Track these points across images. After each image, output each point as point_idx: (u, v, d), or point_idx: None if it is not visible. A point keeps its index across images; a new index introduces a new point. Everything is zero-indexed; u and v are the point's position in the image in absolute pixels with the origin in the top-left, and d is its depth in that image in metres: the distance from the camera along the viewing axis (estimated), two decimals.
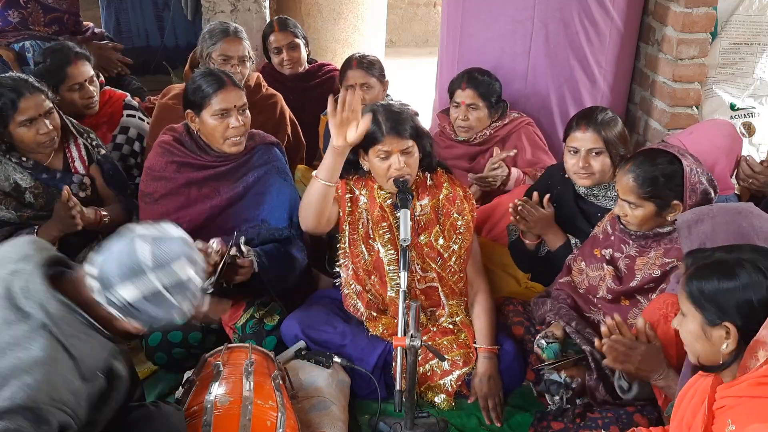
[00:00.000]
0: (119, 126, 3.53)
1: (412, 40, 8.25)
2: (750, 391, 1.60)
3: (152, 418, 1.95)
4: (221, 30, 3.49)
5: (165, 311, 1.72)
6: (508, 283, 3.07)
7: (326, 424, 2.39)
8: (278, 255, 2.78)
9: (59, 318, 1.67)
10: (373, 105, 2.68)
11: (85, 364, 1.70)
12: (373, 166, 2.64)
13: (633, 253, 2.53)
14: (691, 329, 1.75)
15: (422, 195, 2.71)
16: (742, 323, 1.66)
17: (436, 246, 2.69)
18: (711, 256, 1.76)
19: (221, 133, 2.78)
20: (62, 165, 3.01)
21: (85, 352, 1.70)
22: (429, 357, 2.64)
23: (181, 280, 1.71)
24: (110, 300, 1.69)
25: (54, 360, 1.63)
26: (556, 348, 2.51)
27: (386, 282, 2.70)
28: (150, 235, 1.73)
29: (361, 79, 3.45)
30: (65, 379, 1.64)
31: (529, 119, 3.49)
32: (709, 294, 1.69)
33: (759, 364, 1.60)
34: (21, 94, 2.79)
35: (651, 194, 2.39)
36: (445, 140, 3.51)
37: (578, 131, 2.77)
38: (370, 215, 2.71)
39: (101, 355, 1.75)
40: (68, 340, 1.67)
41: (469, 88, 3.35)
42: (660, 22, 3.58)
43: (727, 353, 1.69)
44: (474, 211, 2.78)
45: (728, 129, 3.15)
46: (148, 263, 1.68)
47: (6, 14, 4.16)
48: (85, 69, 3.39)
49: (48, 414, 1.59)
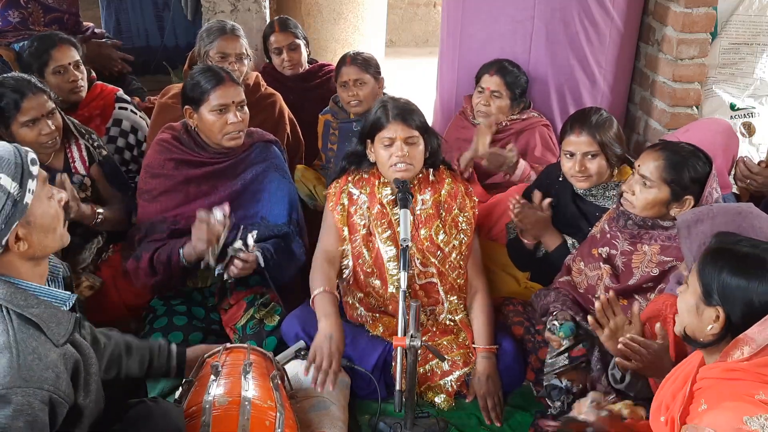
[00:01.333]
0: (112, 119, 3.53)
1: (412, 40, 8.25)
2: (722, 375, 1.69)
3: (151, 413, 1.95)
4: (218, 28, 3.49)
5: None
6: (507, 283, 3.07)
7: (326, 424, 2.39)
8: (279, 249, 2.79)
9: (8, 295, 1.68)
10: (384, 97, 2.74)
11: (53, 331, 1.70)
12: (378, 155, 2.67)
13: (626, 247, 2.52)
14: (688, 300, 1.80)
15: (424, 190, 2.72)
16: (735, 315, 1.70)
17: (437, 241, 2.70)
18: (735, 242, 1.78)
19: (219, 128, 2.79)
20: (63, 165, 3.01)
21: (49, 318, 1.70)
22: (429, 357, 2.65)
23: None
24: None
25: (18, 340, 1.63)
26: (572, 326, 2.47)
27: (387, 279, 2.71)
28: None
29: (355, 75, 3.46)
30: (38, 355, 1.64)
31: (546, 121, 3.52)
32: (716, 277, 1.73)
33: (743, 356, 1.66)
34: (24, 94, 2.79)
35: (673, 179, 2.38)
36: (463, 121, 3.58)
37: (573, 135, 2.77)
38: (370, 212, 2.72)
39: (65, 319, 1.74)
40: (26, 310, 1.68)
41: (497, 75, 3.40)
42: (660, 22, 3.58)
43: (710, 335, 1.74)
44: (475, 208, 2.79)
45: (724, 126, 3.15)
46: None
47: (6, 14, 4.16)
48: (70, 53, 3.39)
49: (26, 396, 1.58)
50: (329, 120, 3.63)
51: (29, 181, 1.72)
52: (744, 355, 1.66)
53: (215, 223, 2.58)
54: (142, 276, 2.79)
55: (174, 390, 2.64)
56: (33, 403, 1.59)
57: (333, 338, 2.51)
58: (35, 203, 1.74)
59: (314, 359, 2.48)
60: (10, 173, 1.69)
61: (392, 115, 2.62)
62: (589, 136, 2.73)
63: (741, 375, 1.65)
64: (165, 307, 2.87)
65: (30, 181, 1.72)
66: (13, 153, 1.72)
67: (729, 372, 1.68)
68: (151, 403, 2.00)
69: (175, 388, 2.61)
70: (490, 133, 3.32)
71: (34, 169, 1.75)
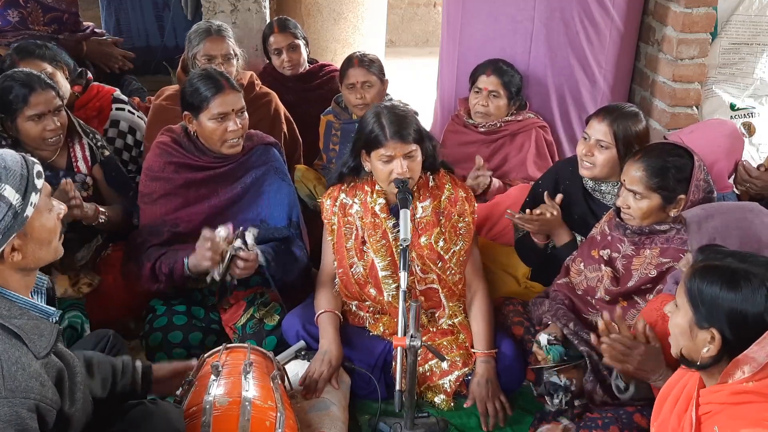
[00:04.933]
0: (109, 120, 3.52)
1: (412, 40, 8.24)
2: (732, 399, 1.63)
3: (150, 414, 1.95)
4: (204, 30, 3.46)
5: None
6: (507, 283, 3.07)
7: (326, 424, 2.39)
8: (280, 251, 2.79)
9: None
10: (377, 106, 2.66)
11: (35, 343, 1.68)
12: (375, 169, 2.63)
13: (629, 252, 2.52)
14: (680, 323, 1.75)
15: (423, 197, 2.70)
16: (730, 334, 1.65)
17: (437, 248, 2.68)
18: (722, 258, 1.73)
19: (219, 136, 2.78)
20: (66, 164, 3.02)
21: (31, 330, 1.69)
22: (429, 357, 2.64)
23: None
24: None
25: (2, 350, 1.62)
26: (561, 350, 2.49)
27: (382, 289, 2.70)
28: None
29: (362, 78, 3.46)
30: (21, 365, 1.63)
31: (544, 123, 3.51)
32: (706, 297, 1.68)
33: (744, 376, 1.61)
34: (32, 89, 2.81)
35: (659, 185, 2.39)
36: (457, 125, 3.58)
37: (595, 120, 2.77)
38: (363, 222, 2.70)
39: (47, 331, 1.73)
40: (9, 321, 1.67)
41: (493, 75, 3.41)
42: (660, 22, 3.58)
43: (707, 357, 1.69)
44: (475, 213, 2.78)
45: (730, 129, 3.15)
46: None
47: (6, 14, 4.16)
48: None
49: (13, 406, 1.57)
50: (331, 120, 3.62)
51: (33, 194, 1.72)
52: (745, 374, 1.61)
53: (219, 242, 2.57)
54: (144, 282, 2.79)
55: None
56: (21, 413, 1.58)
57: (329, 352, 2.59)
58: (35, 216, 1.73)
59: (310, 370, 2.56)
60: (15, 185, 1.68)
61: (390, 134, 2.53)
62: (607, 126, 2.71)
63: (751, 398, 1.60)
64: (165, 306, 2.87)
65: (33, 194, 1.72)
66: (20, 164, 1.72)
67: (737, 395, 1.62)
68: (150, 405, 1.99)
69: None
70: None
71: (39, 182, 1.75)
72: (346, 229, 2.72)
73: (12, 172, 1.69)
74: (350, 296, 2.78)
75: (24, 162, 1.73)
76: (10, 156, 1.73)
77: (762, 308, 1.61)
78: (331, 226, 2.75)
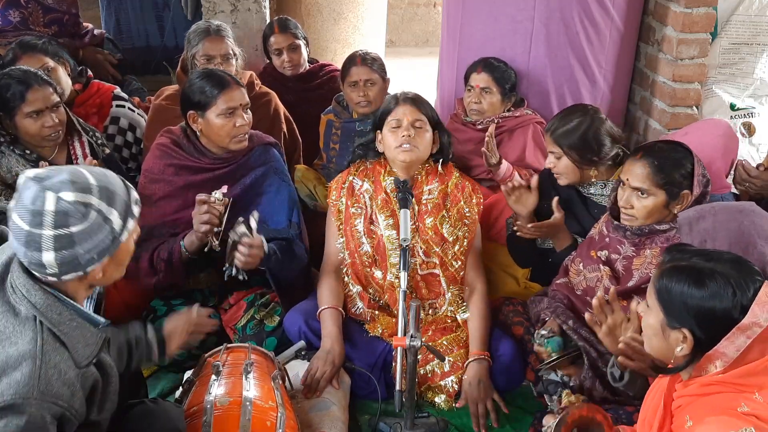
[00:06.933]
0: (109, 117, 3.53)
1: (412, 40, 8.25)
2: (701, 390, 1.67)
3: (152, 414, 1.95)
4: (203, 30, 3.46)
5: (92, 233, 1.65)
6: (507, 283, 3.07)
7: (326, 424, 2.40)
8: (281, 249, 2.79)
9: (45, 307, 1.67)
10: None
11: (78, 352, 1.70)
12: (385, 141, 2.73)
13: (630, 253, 2.52)
14: (652, 324, 1.77)
15: (431, 180, 2.75)
16: (700, 332, 1.67)
17: (441, 231, 2.71)
18: (689, 258, 1.75)
19: (228, 132, 2.77)
20: (65, 161, 3.02)
21: (77, 339, 1.70)
22: (429, 358, 2.64)
23: (84, 202, 1.64)
24: (40, 265, 1.64)
25: (44, 351, 1.63)
26: (560, 340, 2.50)
27: (387, 268, 2.71)
28: (32, 180, 1.64)
29: (365, 76, 3.46)
30: (59, 370, 1.64)
31: (541, 119, 3.51)
32: (675, 297, 1.70)
33: (717, 370, 1.65)
34: (30, 85, 2.82)
35: (665, 181, 2.39)
36: (456, 124, 3.60)
37: (547, 134, 2.86)
38: (374, 200, 2.74)
39: (93, 341, 1.74)
40: (58, 327, 1.67)
41: (484, 72, 3.42)
42: (660, 22, 3.58)
43: (681, 357, 1.72)
44: (481, 204, 2.80)
45: (723, 128, 3.15)
46: (49, 210, 1.60)
47: (6, 14, 4.17)
48: None
49: (40, 409, 1.58)
50: (332, 120, 3.62)
51: (130, 220, 1.75)
52: (717, 369, 1.65)
53: (215, 203, 2.58)
54: (143, 276, 2.79)
55: (174, 390, 2.65)
56: (45, 417, 1.59)
57: (331, 352, 2.60)
58: (127, 241, 1.76)
59: (312, 369, 2.56)
60: (121, 211, 1.71)
61: (401, 99, 2.72)
62: (552, 139, 2.80)
63: (720, 388, 1.64)
64: (165, 307, 2.87)
65: (130, 221, 1.75)
66: (124, 190, 1.75)
67: (707, 387, 1.66)
68: (151, 404, 2.00)
69: (175, 387, 2.62)
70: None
71: (136, 209, 1.78)
72: (354, 209, 2.76)
73: (119, 198, 1.71)
74: (356, 279, 2.80)
75: (126, 189, 1.76)
76: (114, 180, 1.74)
77: (729, 304, 1.63)
78: (338, 207, 2.78)
